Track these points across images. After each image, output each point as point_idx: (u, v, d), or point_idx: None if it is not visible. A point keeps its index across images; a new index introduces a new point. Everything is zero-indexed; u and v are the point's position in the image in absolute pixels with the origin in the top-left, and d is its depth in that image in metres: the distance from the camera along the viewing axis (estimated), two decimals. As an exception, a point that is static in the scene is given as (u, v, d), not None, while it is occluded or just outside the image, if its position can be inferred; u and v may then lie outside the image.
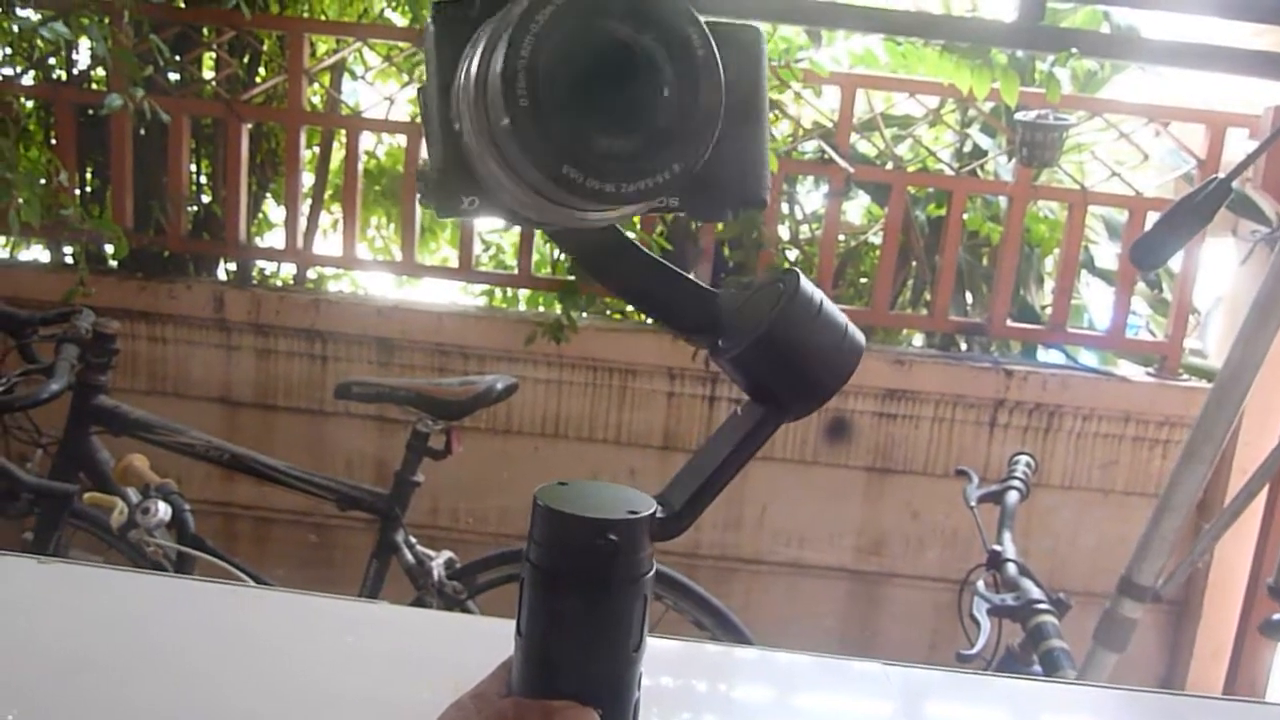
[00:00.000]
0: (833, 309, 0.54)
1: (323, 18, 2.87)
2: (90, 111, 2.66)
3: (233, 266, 2.85)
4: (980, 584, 1.70)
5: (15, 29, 2.40)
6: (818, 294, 0.53)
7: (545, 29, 0.43)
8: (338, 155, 3.05)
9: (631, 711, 0.55)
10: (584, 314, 2.68)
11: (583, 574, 0.54)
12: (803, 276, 0.54)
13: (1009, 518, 1.86)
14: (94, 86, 2.76)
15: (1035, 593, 1.59)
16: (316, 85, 2.78)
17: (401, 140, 2.83)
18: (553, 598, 0.55)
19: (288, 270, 2.96)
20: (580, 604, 0.54)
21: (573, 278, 2.59)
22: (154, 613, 0.97)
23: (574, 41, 0.43)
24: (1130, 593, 1.26)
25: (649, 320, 2.87)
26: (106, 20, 2.49)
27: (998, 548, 1.77)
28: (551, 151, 0.43)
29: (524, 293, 2.98)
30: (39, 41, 2.43)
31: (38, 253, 2.94)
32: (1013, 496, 1.90)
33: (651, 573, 0.56)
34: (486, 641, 0.88)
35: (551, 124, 0.43)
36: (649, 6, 0.44)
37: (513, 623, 0.58)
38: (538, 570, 0.55)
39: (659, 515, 0.56)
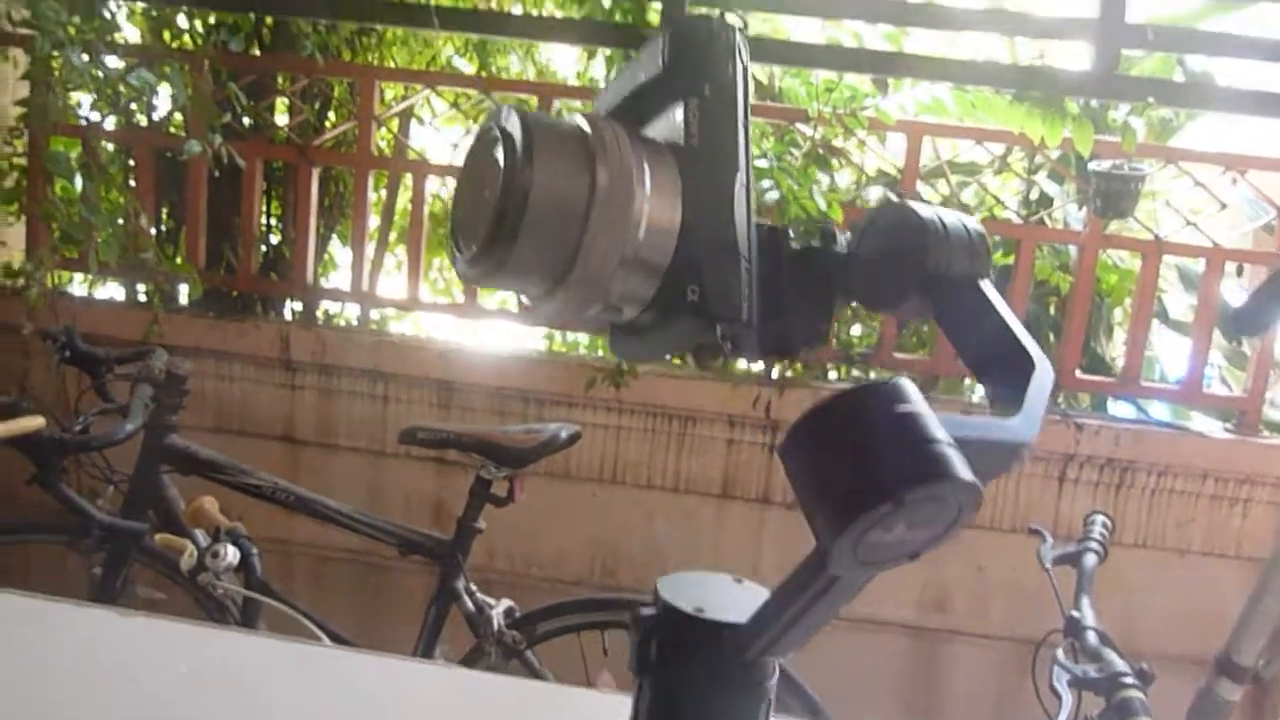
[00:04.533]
0: (923, 424, 0.44)
1: (392, 65, 2.93)
2: (168, 154, 2.73)
3: (298, 305, 2.89)
4: (1059, 652, 1.63)
5: (102, 75, 2.47)
6: (909, 400, 0.48)
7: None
8: (402, 198, 3.11)
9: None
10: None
11: (698, 673, 0.52)
12: (904, 382, 0.49)
13: (1087, 582, 1.79)
14: (172, 130, 2.84)
15: (1119, 664, 1.52)
16: (384, 130, 2.83)
17: (466, 184, 2.86)
18: (669, 694, 0.53)
19: (351, 309, 3.00)
20: (698, 704, 0.52)
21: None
22: (228, 668, 0.97)
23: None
24: (1229, 673, 1.20)
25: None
26: (187, 68, 2.57)
27: (1076, 614, 1.70)
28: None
29: (584, 337, 2.98)
30: (122, 88, 2.51)
31: (113, 289, 3.01)
32: (1090, 559, 1.84)
33: (774, 677, 0.53)
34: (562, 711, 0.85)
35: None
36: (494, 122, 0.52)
37: (584, 690, 0.56)
38: (656, 666, 0.53)
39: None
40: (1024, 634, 2.56)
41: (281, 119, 2.85)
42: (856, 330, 2.80)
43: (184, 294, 2.85)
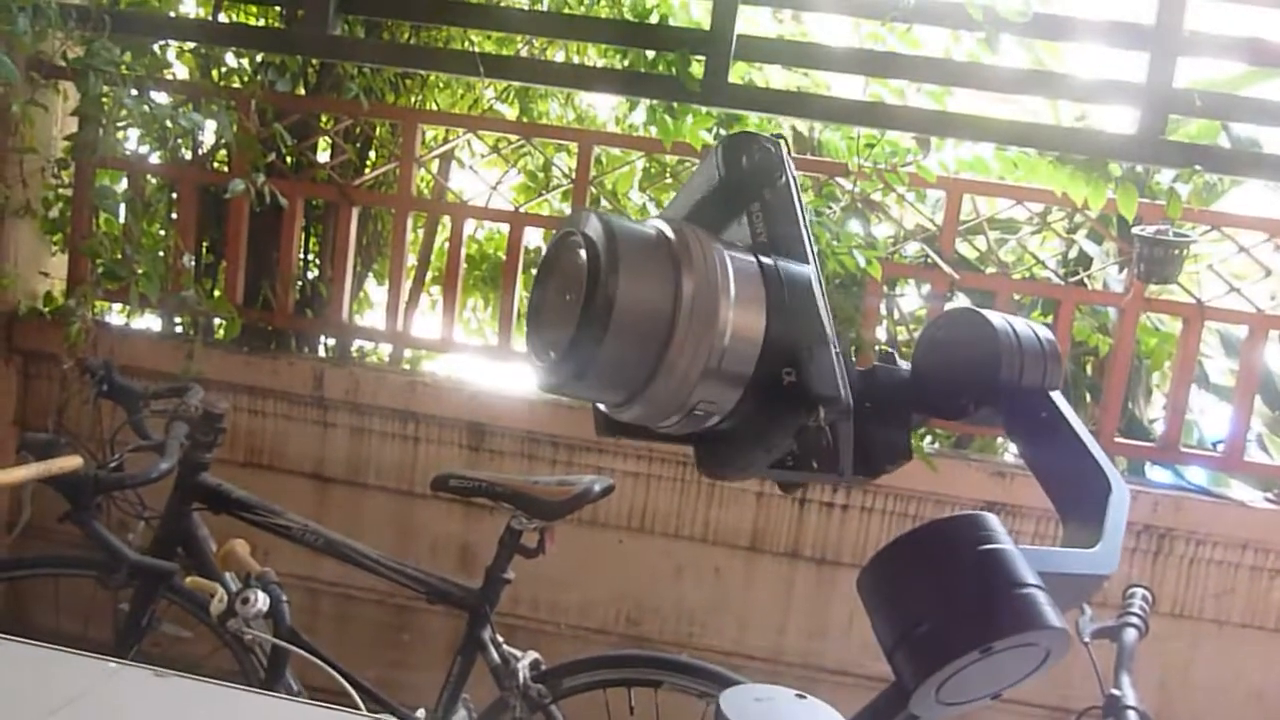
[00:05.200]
0: (1010, 564, 0.44)
1: (434, 108, 2.96)
2: (210, 189, 2.77)
3: (332, 342, 2.91)
4: (1099, 734, 1.59)
5: (150, 111, 2.52)
6: (993, 536, 0.48)
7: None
8: (439, 238, 3.13)
9: None
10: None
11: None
12: (988, 516, 0.48)
13: (1127, 658, 1.74)
14: (216, 166, 2.88)
15: (1163, 751, 1.48)
16: (424, 171, 2.86)
17: (503, 227, 2.88)
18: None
19: (384, 348, 3.01)
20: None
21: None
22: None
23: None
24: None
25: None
26: (233, 106, 2.61)
27: (1116, 692, 1.65)
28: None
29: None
30: (170, 125, 2.55)
31: (150, 319, 3.04)
32: (1130, 634, 1.79)
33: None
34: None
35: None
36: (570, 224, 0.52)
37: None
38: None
39: None
40: (1056, 703, 2.50)
41: (323, 158, 2.88)
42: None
43: (219, 327, 2.88)
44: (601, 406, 0.54)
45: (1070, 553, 0.49)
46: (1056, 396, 0.57)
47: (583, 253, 0.49)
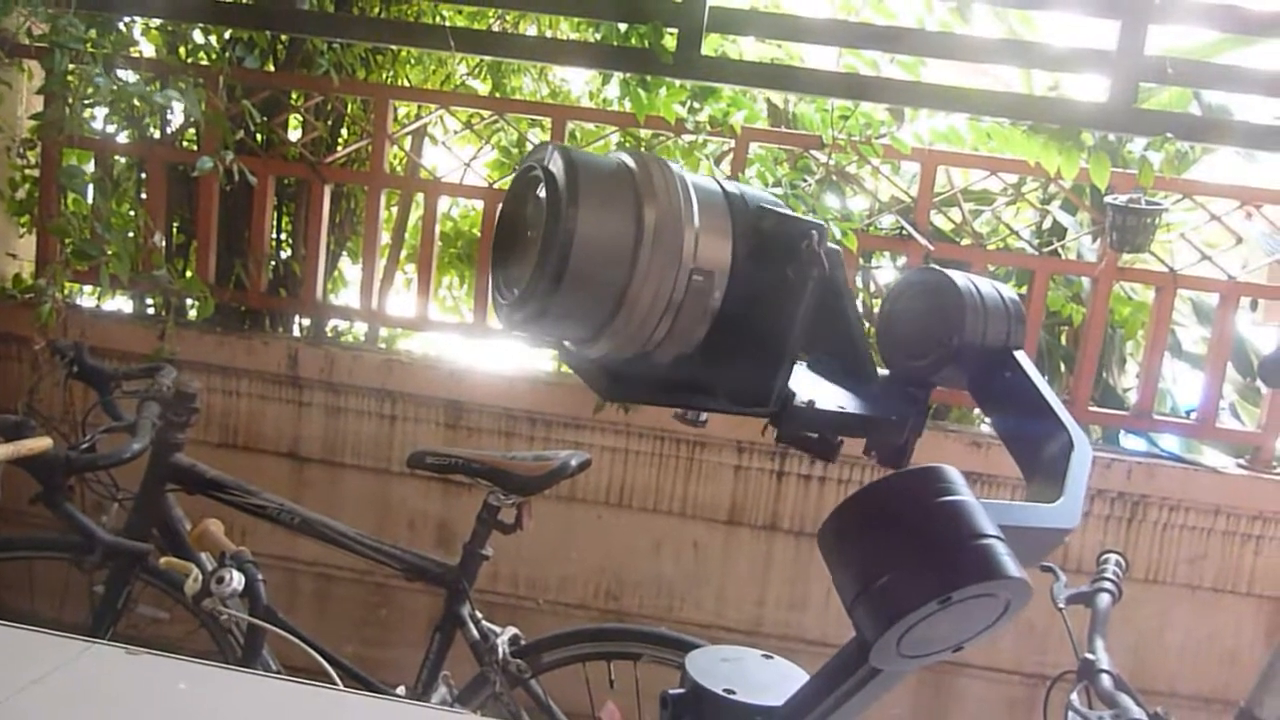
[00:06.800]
0: (970, 515, 0.43)
1: (406, 83, 2.92)
2: (180, 168, 2.73)
3: (306, 321, 2.89)
4: (1074, 696, 1.61)
5: (117, 90, 2.47)
6: (954, 488, 0.47)
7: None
8: (413, 215, 3.10)
9: None
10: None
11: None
12: (947, 468, 0.48)
13: (1101, 623, 1.77)
14: (185, 145, 2.84)
15: (1135, 711, 1.50)
16: (397, 149, 2.83)
17: (478, 204, 2.86)
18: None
19: (359, 327, 2.99)
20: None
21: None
22: (235, 710, 0.95)
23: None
24: (1250, 729, 1.18)
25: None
26: (201, 83, 2.57)
27: (1091, 656, 1.68)
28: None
29: (592, 357, 2.96)
30: (137, 103, 2.50)
31: (121, 301, 3.00)
32: (1104, 599, 1.82)
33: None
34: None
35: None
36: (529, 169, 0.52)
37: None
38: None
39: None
40: (1033, 669, 2.54)
41: (294, 135, 2.85)
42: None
43: (192, 308, 2.84)
44: (569, 344, 0.53)
45: (1031, 507, 0.49)
46: (1020, 355, 0.57)
47: (543, 188, 0.49)
